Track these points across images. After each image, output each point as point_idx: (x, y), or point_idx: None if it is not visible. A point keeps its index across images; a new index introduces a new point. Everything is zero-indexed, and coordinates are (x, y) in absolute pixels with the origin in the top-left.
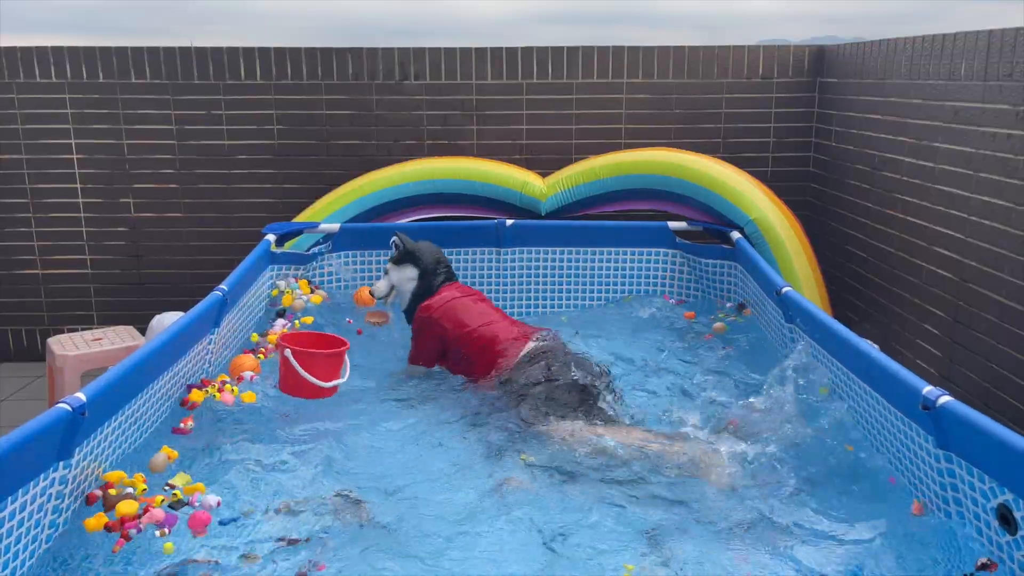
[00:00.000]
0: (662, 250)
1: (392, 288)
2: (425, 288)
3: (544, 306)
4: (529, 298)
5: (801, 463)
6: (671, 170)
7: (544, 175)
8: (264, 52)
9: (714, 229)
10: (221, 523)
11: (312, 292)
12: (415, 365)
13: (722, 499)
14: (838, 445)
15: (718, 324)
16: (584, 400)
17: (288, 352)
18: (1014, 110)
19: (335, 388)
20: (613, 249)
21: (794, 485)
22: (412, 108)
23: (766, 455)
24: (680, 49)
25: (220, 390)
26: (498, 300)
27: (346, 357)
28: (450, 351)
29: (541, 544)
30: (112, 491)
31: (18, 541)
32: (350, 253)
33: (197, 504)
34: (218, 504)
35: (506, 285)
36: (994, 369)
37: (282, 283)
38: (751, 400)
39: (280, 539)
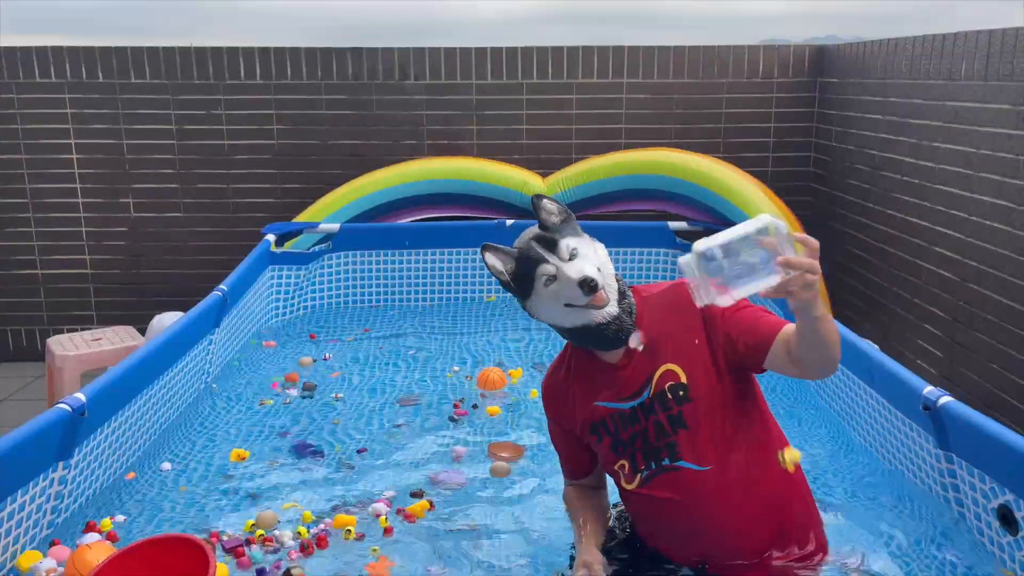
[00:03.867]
0: (662, 250)
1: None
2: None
3: None
4: None
5: None
6: (671, 170)
7: (544, 175)
8: (264, 52)
9: (714, 229)
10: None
11: None
12: None
13: None
14: None
15: None
16: None
17: None
18: (1014, 110)
19: None
20: (613, 249)
21: None
22: (412, 108)
23: None
24: (680, 49)
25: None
26: (498, 301)
27: None
28: None
29: None
30: None
31: (16, 541)
32: (350, 254)
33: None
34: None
35: None
36: (995, 369)
37: None
38: None
39: None
